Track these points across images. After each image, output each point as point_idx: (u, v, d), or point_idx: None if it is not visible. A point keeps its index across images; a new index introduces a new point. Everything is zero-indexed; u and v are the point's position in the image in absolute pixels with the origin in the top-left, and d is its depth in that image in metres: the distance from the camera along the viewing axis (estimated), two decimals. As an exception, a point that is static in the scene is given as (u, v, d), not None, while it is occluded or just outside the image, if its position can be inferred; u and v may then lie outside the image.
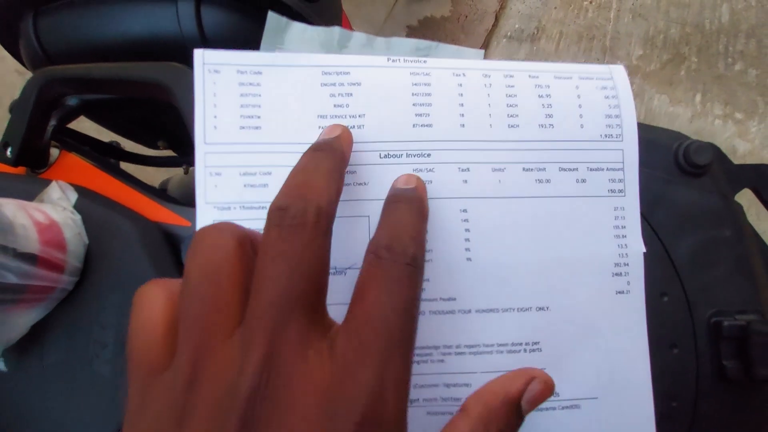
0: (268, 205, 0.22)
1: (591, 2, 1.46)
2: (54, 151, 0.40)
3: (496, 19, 1.51)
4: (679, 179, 0.25)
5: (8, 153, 0.36)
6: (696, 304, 0.23)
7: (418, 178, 0.20)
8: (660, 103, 1.28)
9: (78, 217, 0.31)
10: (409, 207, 0.18)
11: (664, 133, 0.26)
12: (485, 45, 1.47)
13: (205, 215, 0.22)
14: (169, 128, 0.58)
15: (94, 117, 0.53)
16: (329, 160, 0.18)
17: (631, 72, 1.35)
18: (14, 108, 0.37)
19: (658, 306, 0.23)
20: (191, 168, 0.63)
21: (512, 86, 0.23)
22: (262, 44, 0.28)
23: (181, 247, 0.30)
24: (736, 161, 0.27)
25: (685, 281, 0.23)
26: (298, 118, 0.22)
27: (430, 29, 1.54)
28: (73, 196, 0.31)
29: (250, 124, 0.22)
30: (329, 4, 0.47)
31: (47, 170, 0.39)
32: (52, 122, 0.39)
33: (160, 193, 0.35)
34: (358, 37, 0.26)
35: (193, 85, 0.22)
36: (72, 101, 0.45)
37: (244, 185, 0.22)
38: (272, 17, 0.29)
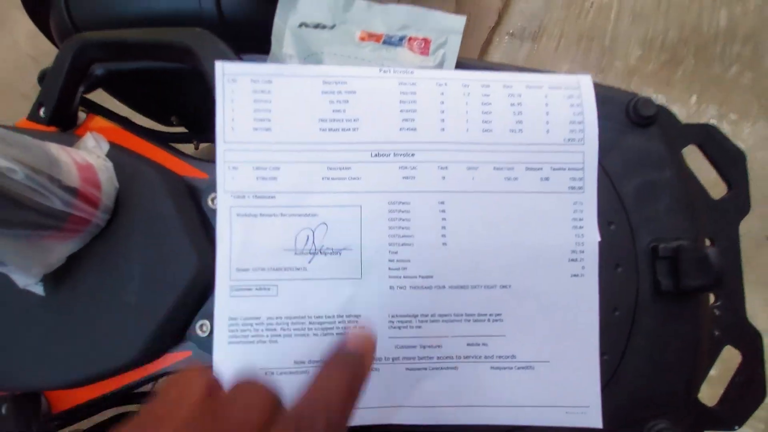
0: (276, 195, 0.26)
1: (592, 4, 1.48)
2: (81, 115, 0.44)
3: (499, 17, 1.53)
4: (629, 129, 0.28)
5: (41, 113, 0.40)
6: (638, 233, 0.27)
7: (370, 339, 0.18)
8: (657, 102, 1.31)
9: (110, 164, 0.34)
10: (341, 379, 0.16)
11: (620, 92, 0.29)
12: (488, 42, 1.49)
13: (224, 202, 0.26)
14: (184, 105, 0.62)
15: (112, 90, 0.57)
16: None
17: (630, 72, 1.37)
18: (49, 71, 0.41)
19: (605, 232, 0.26)
20: (201, 144, 0.66)
21: (488, 95, 0.26)
22: (278, 11, 0.31)
23: (201, 196, 0.34)
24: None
25: (629, 213, 0.27)
26: (302, 122, 0.26)
27: (433, 26, 1.56)
28: (106, 146, 0.35)
29: (262, 126, 0.26)
30: None
31: (75, 131, 0.43)
32: (82, 88, 0.43)
33: (179, 151, 0.39)
34: (360, 2, 0.29)
35: (217, 51, 0.25)
36: (98, 71, 0.48)
37: (257, 178, 0.26)
38: None
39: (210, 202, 0.31)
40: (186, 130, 0.67)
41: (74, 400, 0.40)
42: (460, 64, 0.28)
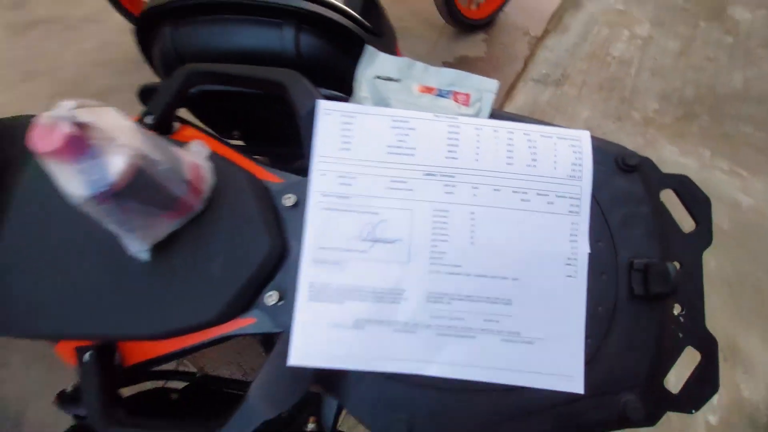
0: (351, 197, 0.35)
1: (614, 57, 1.59)
2: (175, 124, 0.56)
3: (525, 64, 1.66)
4: (617, 173, 0.37)
5: (147, 120, 0.51)
6: (619, 250, 0.35)
7: None
8: (670, 153, 1.38)
9: (209, 164, 0.45)
10: None
11: (612, 145, 0.39)
12: (513, 86, 1.61)
13: (315, 198, 0.35)
14: (248, 124, 0.74)
15: (190, 106, 0.69)
16: None
17: (646, 122, 1.46)
18: (160, 88, 0.52)
19: (594, 247, 0.35)
20: (257, 158, 0.78)
21: (511, 139, 0.36)
22: (360, 65, 0.41)
23: (275, 197, 0.43)
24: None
25: (614, 235, 0.35)
26: (374, 147, 0.35)
27: (465, 67, 1.69)
28: (206, 151, 0.46)
29: (345, 147, 0.36)
30: (389, 40, 0.63)
31: (170, 136, 0.54)
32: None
33: (258, 159, 0.49)
34: (419, 65, 0.39)
35: (303, 87, 0.35)
36: (192, 90, 0.60)
37: (338, 183, 0.35)
38: (368, 48, 0.43)
39: (284, 201, 0.41)
40: (244, 144, 0.79)
41: (144, 355, 0.50)
42: (493, 115, 0.38)
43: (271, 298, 0.40)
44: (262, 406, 0.39)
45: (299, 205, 0.41)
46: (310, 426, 0.52)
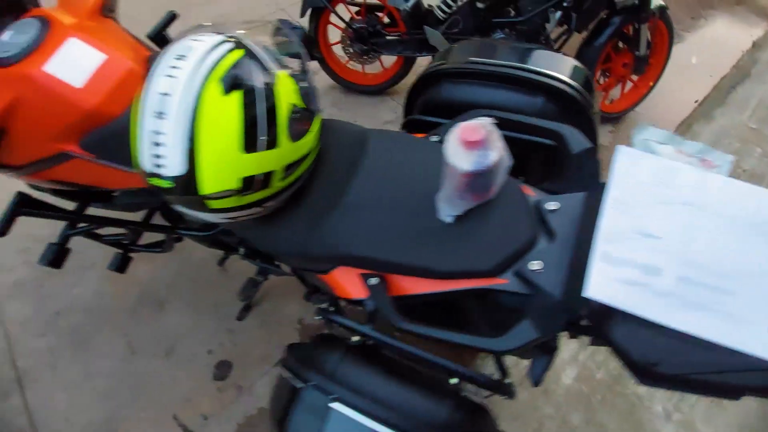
0: (631, 204, 0.56)
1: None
2: None
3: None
4: None
5: (432, 138, 0.79)
6: None
7: None
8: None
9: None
10: None
11: None
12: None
13: (610, 201, 0.57)
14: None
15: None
16: None
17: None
18: (449, 122, 0.80)
19: None
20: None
21: (746, 192, 0.56)
22: (635, 131, 0.66)
23: (532, 204, 0.67)
24: None
25: None
26: (650, 178, 0.57)
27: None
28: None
29: (631, 174, 0.57)
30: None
31: None
32: None
33: None
34: (677, 137, 0.62)
35: (576, 135, 0.59)
36: None
37: (624, 194, 0.57)
38: (643, 123, 0.67)
39: (547, 206, 0.64)
40: None
41: (403, 291, 0.72)
42: (730, 176, 0.59)
43: (534, 264, 0.61)
44: (534, 329, 0.59)
45: (559, 210, 0.63)
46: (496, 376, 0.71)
